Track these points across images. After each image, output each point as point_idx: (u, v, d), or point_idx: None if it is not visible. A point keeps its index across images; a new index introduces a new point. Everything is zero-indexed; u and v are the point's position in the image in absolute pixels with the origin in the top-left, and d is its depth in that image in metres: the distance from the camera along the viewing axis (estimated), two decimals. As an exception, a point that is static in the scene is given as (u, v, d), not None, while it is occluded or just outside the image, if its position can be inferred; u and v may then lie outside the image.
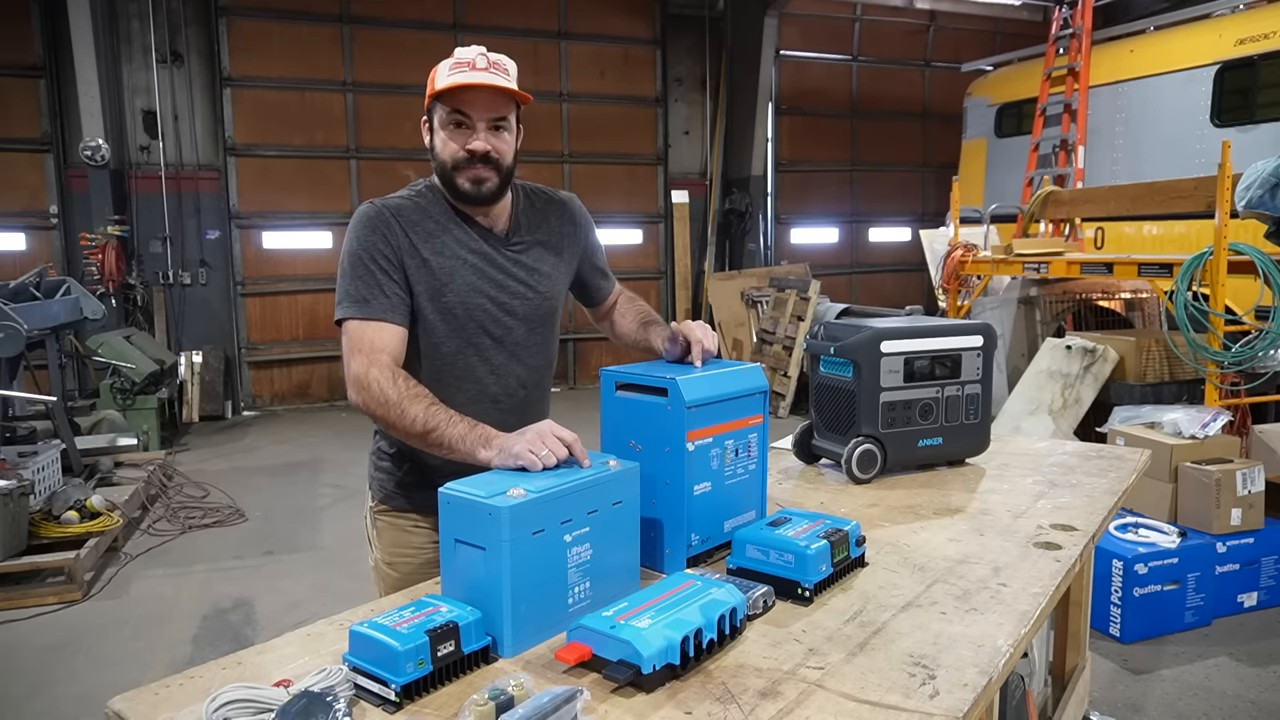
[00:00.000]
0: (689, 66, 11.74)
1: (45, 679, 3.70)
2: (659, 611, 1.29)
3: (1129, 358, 5.20)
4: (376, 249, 1.79)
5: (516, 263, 1.91)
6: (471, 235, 1.87)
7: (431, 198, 1.88)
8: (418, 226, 1.83)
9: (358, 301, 1.77)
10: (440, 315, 1.83)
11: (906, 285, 12.88)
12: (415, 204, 1.86)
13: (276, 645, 1.39)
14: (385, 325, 1.77)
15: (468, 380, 1.88)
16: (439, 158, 1.82)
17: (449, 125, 1.79)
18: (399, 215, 1.82)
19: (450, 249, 1.83)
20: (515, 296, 1.90)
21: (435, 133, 1.82)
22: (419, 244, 1.81)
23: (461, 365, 1.87)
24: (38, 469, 4.96)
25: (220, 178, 9.62)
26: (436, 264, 1.81)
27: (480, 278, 1.85)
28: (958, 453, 2.35)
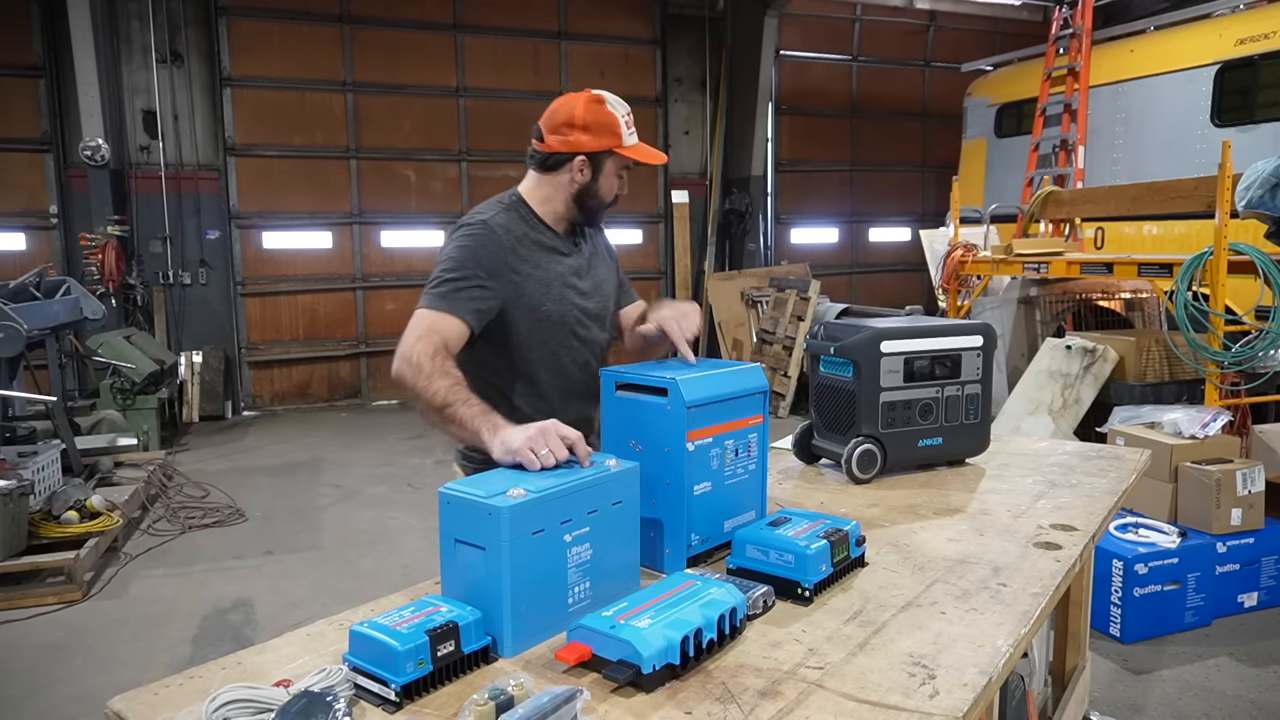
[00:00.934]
0: (689, 66, 11.74)
1: (45, 679, 3.70)
2: (659, 611, 1.30)
3: (1129, 358, 5.20)
4: (476, 259, 1.98)
5: (589, 271, 2.18)
6: (559, 247, 2.12)
7: (524, 212, 2.10)
8: (522, 242, 2.05)
9: (438, 296, 1.94)
10: (538, 320, 2.04)
11: (906, 285, 12.88)
12: (518, 217, 2.08)
13: (276, 645, 1.39)
14: (451, 318, 1.92)
15: (558, 377, 2.09)
16: (600, 197, 2.10)
17: (618, 175, 2.11)
18: (508, 233, 2.03)
19: (547, 263, 2.07)
20: (591, 299, 2.16)
21: (604, 178, 2.09)
22: (524, 258, 2.03)
23: (553, 364, 2.08)
24: (38, 469, 4.96)
25: (220, 178, 9.62)
26: (538, 276, 2.05)
27: (569, 286, 2.10)
28: (958, 453, 2.35)
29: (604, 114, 2.05)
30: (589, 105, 2.05)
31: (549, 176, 2.09)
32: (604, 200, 2.10)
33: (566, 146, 2.05)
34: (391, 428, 8.85)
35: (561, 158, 2.06)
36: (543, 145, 2.09)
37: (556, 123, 2.07)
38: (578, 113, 2.04)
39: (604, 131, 2.04)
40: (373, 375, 10.37)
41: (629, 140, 2.07)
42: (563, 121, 2.06)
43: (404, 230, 10.43)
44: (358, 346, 10.28)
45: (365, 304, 10.31)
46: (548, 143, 2.07)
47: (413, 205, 10.42)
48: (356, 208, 10.16)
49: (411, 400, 2.27)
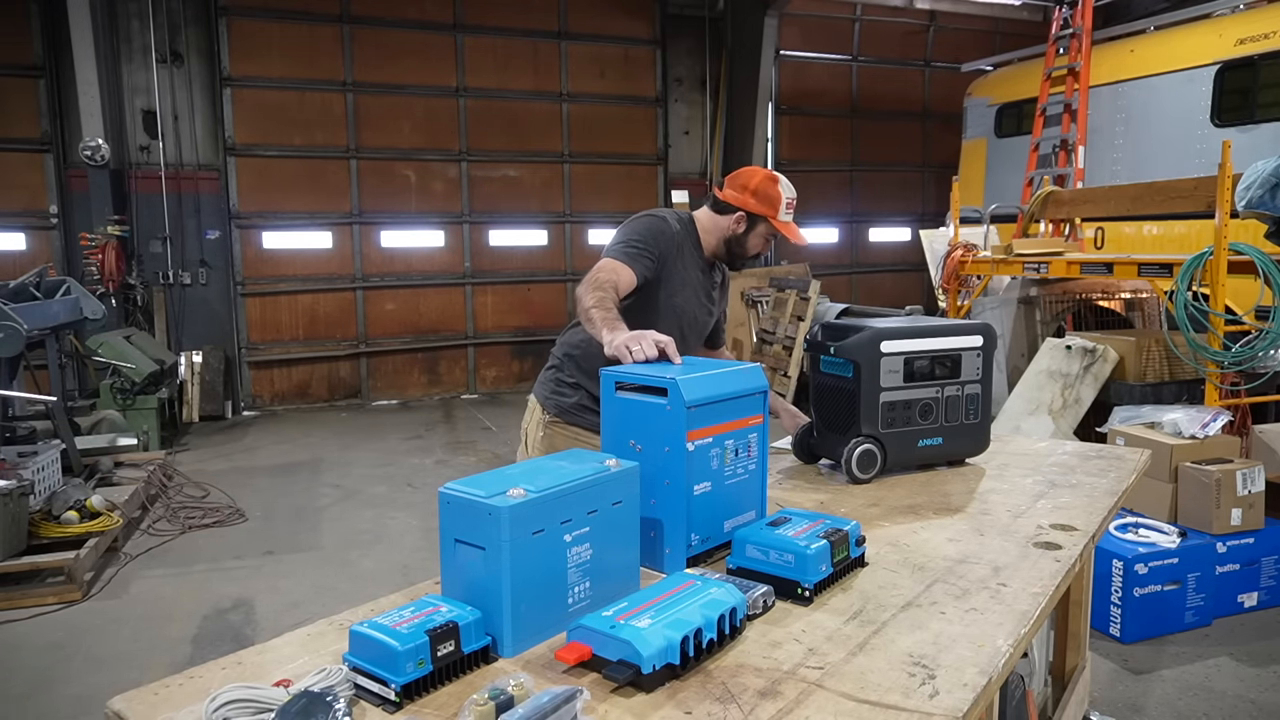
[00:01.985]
0: (689, 66, 11.74)
1: (45, 679, 3.70)
2: (659, 611, 1.30)
3: (1129, 358, 5.20)
4: (652, 240, 2.50)
5: (713, 290, 2.72)
6: (701, 266, 2.65)
7: (691, 231, 2.63)
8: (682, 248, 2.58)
9: (622, 253, 2.45)
10: (667, 305, 2.53)
11: (906, 285, 12.88)
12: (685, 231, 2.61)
13: (276, 645, 1.39)
14: (627, 268, 2.41)
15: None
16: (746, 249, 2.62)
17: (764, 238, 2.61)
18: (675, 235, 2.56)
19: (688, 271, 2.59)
20: (702, 313, 2.68)
21: (753, 236, 2.59)
22: (676, 256, 2.55)
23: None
24: (38, 469, 4.96)
25: (220, 178, 9.62)
26: (679, 272, 2.56)
27: (697, 291, 2.63)
28: (958, 453, 2.35)
29: (773, 190, 2.54)
30: (765, 180, 2.55)
31: (716, 217, 2.61)
32: (747, 251, 2.63)
33: (736, 201, 2.56)
34: (391, 428, 8.85)
35: (729, 208, 2.58)
36: (721, 193, 2.60)
37: (738, 183, 2.58)
38: (755, 182, 2.55)
39: (767, 202, 2.54)
40: (373, 375, 10.37)
41: (783, 217, 2.56)
42: (742, 184, 2.56)
43: (404, 230, 10.43)
44: (358, 346, 10.28)
45: (365, 304, 10.31)
46: (725, 193, 2.59)
47: (413, 205, 10.42)
48: (356, 208, 10.16)
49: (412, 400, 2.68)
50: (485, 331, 10.85)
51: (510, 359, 11.05)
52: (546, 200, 11.03)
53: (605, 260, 2.44)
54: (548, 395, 2.72)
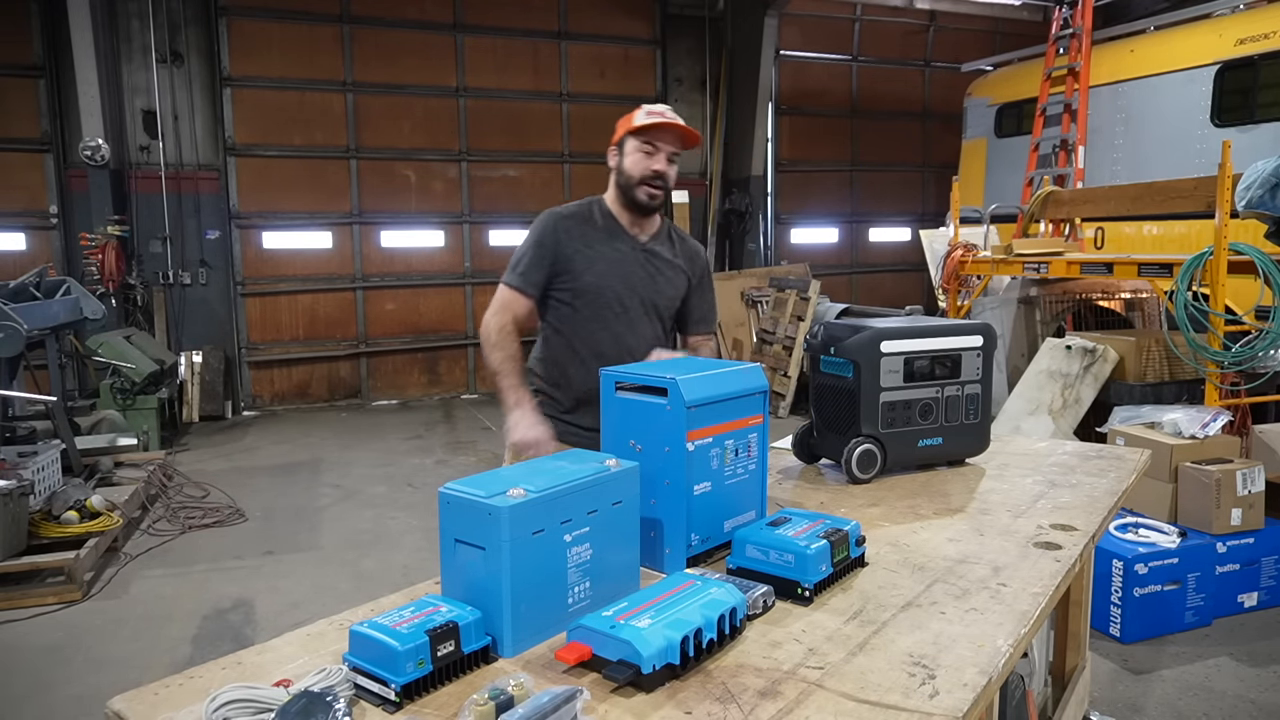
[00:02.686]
0: (689, 66, 11.74)
1: (45, 679, 3.70)
2: (659, 611, 1.30)
3: (1129, 358, 5.20)
4: (536, 244, 2.48)
5: (648, 262, 2.55)
6: (618, 237, 2.53)
7: (598, 211, 2.55)
8: (581, 227, 2.50)
9: (509, 273, 2.50)
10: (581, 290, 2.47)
11: (906, 285, 12.88)
12: (588, 208, 2.55)
13: (276, 645, 1.39)
14: (516, 294, 2.49)
15: (590, 342, 2.49)
16: (627, 173, 2.47)
17: (640, 151, 2.45)
18: (567, 219, 2.51)
19: (598, 245, 2.49)
20: (635, 283, 2.51)
21: (626, 156, 2.48)
22: (576, 239, 2.48)
23: (587, 331, 2.48)
24: (38, 469, 4.96)
25: (220, 178, 9.61)
26: (585, 254, 2.48)
27: (613, 267, 2.49)
28: (958, 453, 2.35)
29: (626, 117, 2.48)
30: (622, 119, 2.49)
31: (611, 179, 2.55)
32: (631, 176, 2.45)
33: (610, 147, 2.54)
34: (391, 428, 8.85)
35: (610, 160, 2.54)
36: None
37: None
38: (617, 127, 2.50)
39: (625, 124, 2.46)
40: (373, 375, 10.37)
41: (641, 119, 2.43)
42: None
43: (404, 230, 10.43)
44: (358, 346, 10.28)
45: (365, 304, 10.30)
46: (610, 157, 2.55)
47: (413, 205, 10.41)
48: (356, 208, 10.16)
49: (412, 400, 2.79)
50: (485, 331, 10.84)
51: (510, 359, 11.03)
52: (546, 200, 10.90)
53: (498, 291, 2.51)
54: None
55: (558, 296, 2.50)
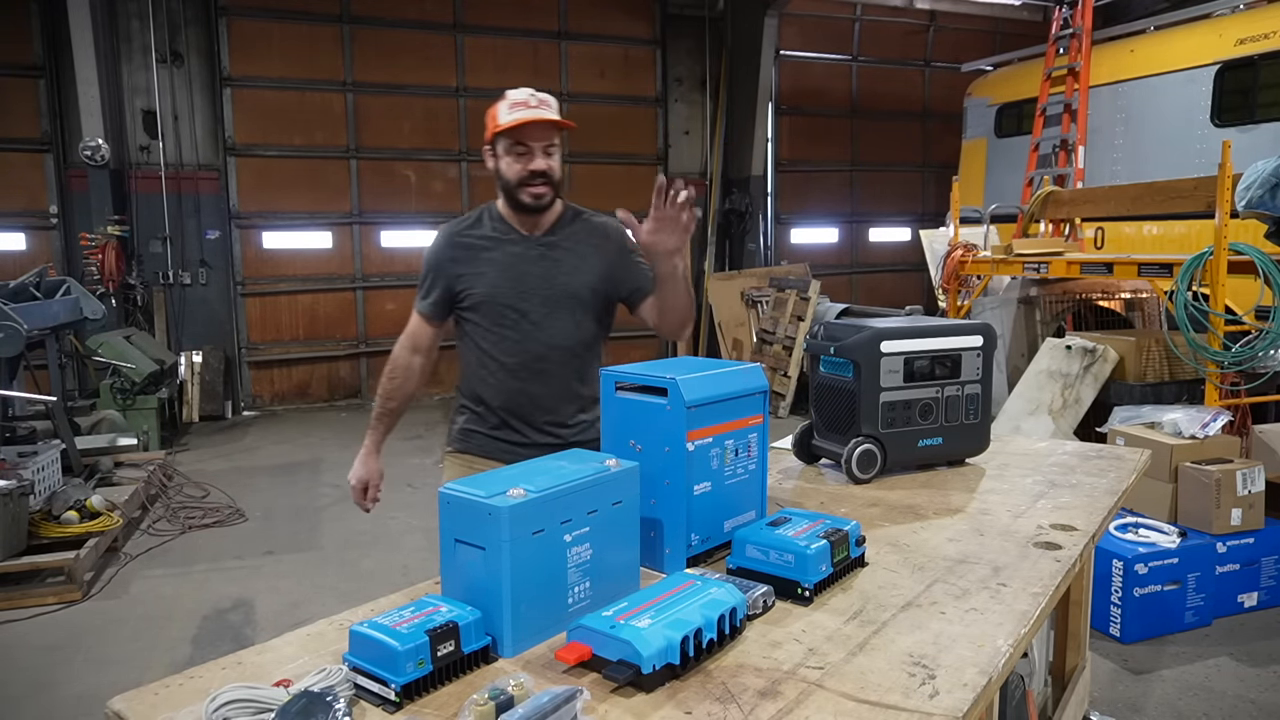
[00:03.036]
0: (689, 66, 11.74)
1: (45, 679, 3.70)
2: (659, 611, 1.29)
3: (1129, 358, 5.20)
4: (432, 263, 2.43)
5: (542, 257, 2.37)
6: (509, 239, 2.38)
7: (488, 217, 2.42)
8: (469, 239, 2.40)
9: (419, 299, 2.48)
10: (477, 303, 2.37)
11: (906, 285, 12.88)
12: (477, 217, 2.44)
13: (276, 645, 1.39)
14: (423, 322, 2.48)
15: (491, 352, 2.38)
16: (505, 178, 2.31)
17: (511, 154, 2.29)
18: (461, 235, 2.41)
19: (486, 254, 2.37)
20: (530, 283, 2.35)
21: (500, 159, 2.31)
22: (467, 252, 2.38)
23: (490, 343, 2.38)
24: (38, 469, 4.96)
25: (220, 178, 9.62)
26: (475, 265, 2.37)
27: (504, 272, 2.35)
28: (958, 453, 2.35)
29: (492, 111, 2.30)
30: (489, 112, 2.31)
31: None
32: (509, 181, 2.30)
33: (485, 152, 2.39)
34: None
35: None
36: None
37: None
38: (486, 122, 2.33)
39: (490, 122, 2.30)
40: (373, 375, 10.36)
41: (505, 118, 2.25)
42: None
43: (404, 230, 10.42)
44: (358, 346, 10.28)
45: (365, 304, 10.31)
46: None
47: (413, 205, 10.41)
48: (356, 208, 10.16)
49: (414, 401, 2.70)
50: (485, 331, 10.85)
51: (510, 359, 11.05)
52: (546, 200, 11.02)
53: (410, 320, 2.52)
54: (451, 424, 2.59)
55: (462, 314, 2.42)
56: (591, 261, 2.41)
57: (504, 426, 2.41)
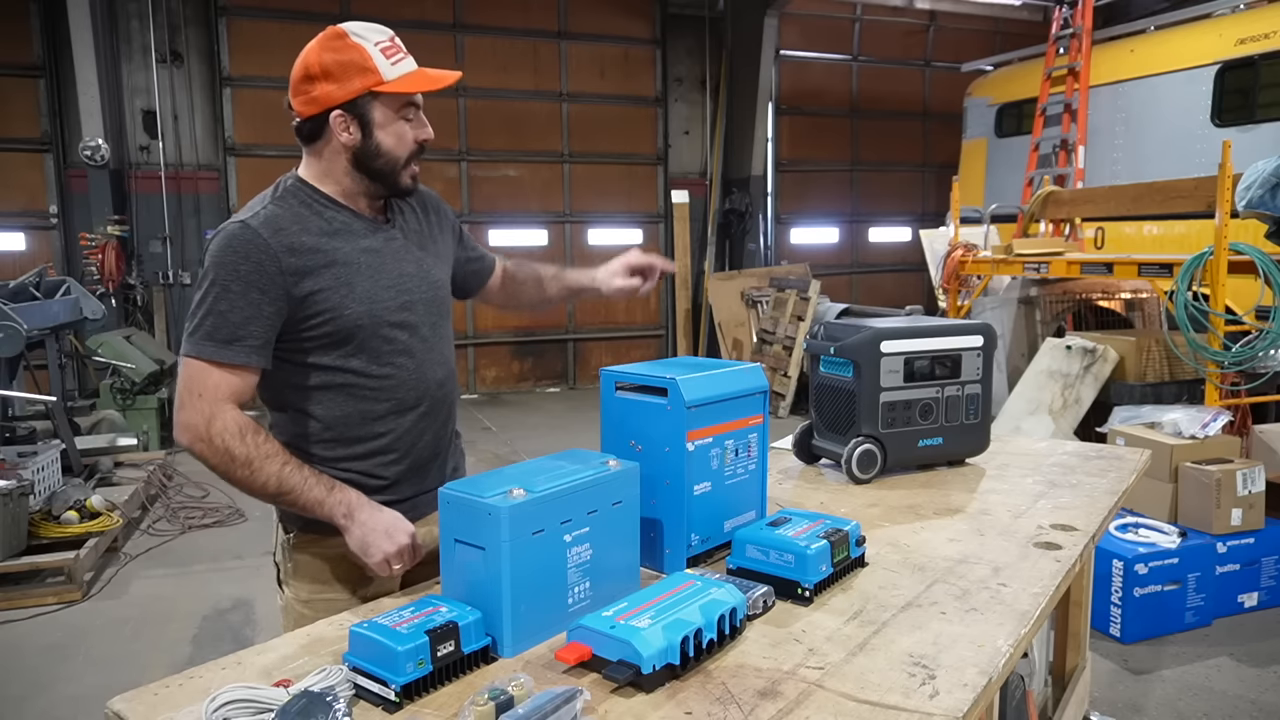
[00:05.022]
0: (689, 66, 11.73)
1: (45, 679, 3.70)
2: (659, 611, 1.29)
3: (1129, 358, 5.20)
4: (249, 279, 1.57)
5: (405, 251, 1.77)
6: (357, 230, 1.70)
7: (302, 199, 1.68)
8: (300, 238, 1.62)
9: (206, 339, 1.57)
10: (346, 330, 1.66)
11: (906, 285, 12.88)
12: (291, 213, 1.65)
13: (276, 645, 1.39)
14: (240, 372, 1.59)
15: (382, 393, 1.72)
16: (389, 154, 1.67)
17: (400, 119, 1.68)
18: (277, 233, 1.60)
19: (341, 255, 1.66)
20: (413, 290, 1.76)
21: (380, 129, 1.66)
22: (305, 261, 1.61)
23: (375, 379, 1.71)
24: (38, 469, 4.96)
25: (220, 178, 9.62)
26: (331, 274, 1.64)
27: (377, 278, 1.69)
28: (958, 453, 2.35)
29: (346, 49, 1.62)
30: (325, 46, 1.63)
31: (317, 150, 1.69)
32: (396, 156, 1.68)
33: (315, 106, 1.64)
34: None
35: (317, 122, 1.65)
36: (293, 114, 1.68)
37: (296, 79, 1.65)
38: (312, 59, 1.62)
39: (352, 72, 1.62)
40: (373, 375, 10.37)
41: (391, 72, 1.64)
42: (300, 76, 1.64)
43: (404, 230, 10.41)
44: (358, 346, 10.27)
45: (365, 304, 10.30)
46: (295, 109, 1.67)
47: (413, 205, 10.40)
48: (356, 208, 10.15)
49: None
50: (485, 331, 10.85)
51: (510, 359, 11.06)
52: (546, 200, 11.03)
53: (191, 370, 1.57)
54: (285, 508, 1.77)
55: (314, 347, 1.66)
56: (443, 251, 1.90)
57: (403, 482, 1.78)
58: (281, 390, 1.71)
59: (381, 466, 1.76)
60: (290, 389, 1.71)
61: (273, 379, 1.68)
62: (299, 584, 1.85)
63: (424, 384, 1.78)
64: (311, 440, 1.72)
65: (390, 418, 1.74)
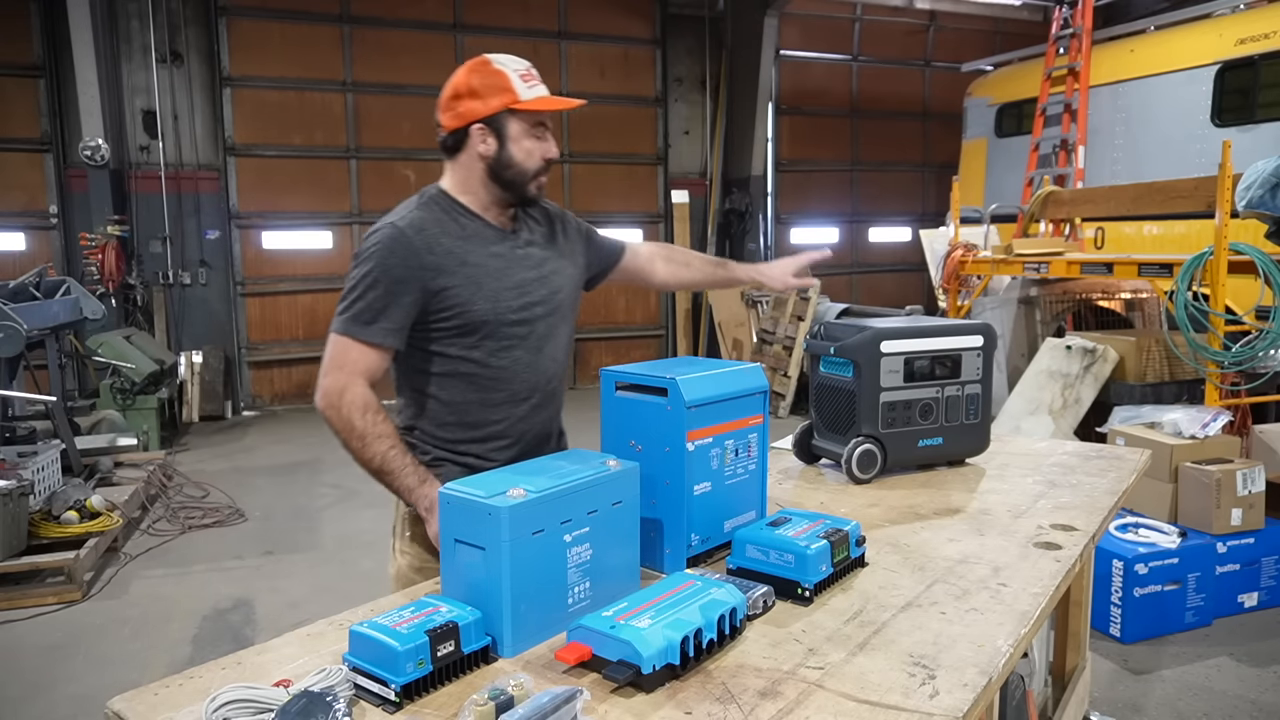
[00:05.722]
0: (689, 66, 11.74)
1: (44, 679, 3.70)
2: (659, 611, 1.29)
3: (1129, 358, 5.20)
4: (393, 272, 1.81)
5: (529, 259, 1.97)
6: (488, 238, 1.92)
7: (446, 205, 1.91)
8: (440, 240, 1.85)
9: (352, 320, 1.82)
10: (472, 324, 1.87)
11: (906, 285, 12.88)
12: (433, 218, 1.88)
13: (276, 645, 1.39)
14: (374, 350, 1.82)
15: (499, 381, 1.92)
16: (519, 166, 1.88)
17: (531, 137, 1.89)
18: (420, 233, 1.84)
19: (473, 257, 1.88)
20: (533, 293, 1.95)
21: (513, 143, 1.87)
22: (443, 258, 1.84)
23: (494, 368, 1.91)
24: (38, 469, 4.96)
25: (220, 178, 9.62)
26: (464, 274, 1.86)
27: (502, 280, 1.90)
28: (958, 453, 2.35)
29: (490, 73, 1.85)
30: (472, 70, 1.86)
31: (458, 160, 1.91)
32: (524, 168, 1.88)
33: (459, 120, 1.86)
34: (391, 428, 8.83)
35: (460, 135, 1.88)
36: (440, 129, 1.91)
37: (445, 99, 1.88)
38: (460, 80, 1.86)
39: (494, 91, 1.84)
40: (373, 375, 10.37)
41: (527, 94, 1.85)
42: (449, 95, 1.88)
43: (404, 230, 10.42)
44: (358, 346, 10.27)
45: (365, 304, 10.30)
46: (443, 123, 1.89)
47: (413, 205, 10.41)
48: (356, 208, 10.15)
49: None
50: (485, 331, 10.85)
51: (510, 359, 11.06)
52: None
53: (335, 344, 1.83)
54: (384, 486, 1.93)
55: (442, 336, 1.88)
56: (569, 258, 2.09)
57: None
58: (411, 375, 1.94)
59: (495, 451, 1.94)
60: (419, 374, 1.93)
61: (405, 364, 1.93)
62: (413, 552, 1.98)
63: (536, 378, 1.97)
64: (434, 422, 1.94)
65: (505, 406, 1.94)
